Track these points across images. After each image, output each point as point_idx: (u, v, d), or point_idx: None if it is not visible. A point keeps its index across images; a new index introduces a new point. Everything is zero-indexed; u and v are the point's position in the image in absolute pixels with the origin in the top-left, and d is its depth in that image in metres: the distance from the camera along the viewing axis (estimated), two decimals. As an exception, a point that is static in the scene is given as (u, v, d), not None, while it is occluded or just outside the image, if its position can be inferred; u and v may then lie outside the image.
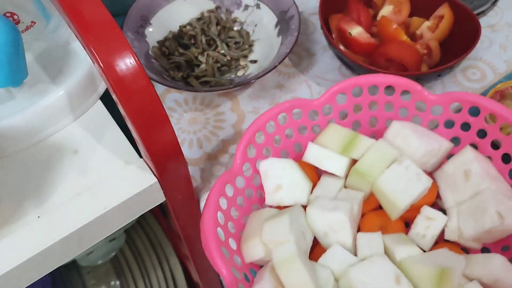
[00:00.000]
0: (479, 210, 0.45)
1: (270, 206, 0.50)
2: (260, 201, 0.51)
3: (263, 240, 0.44)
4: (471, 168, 0.48)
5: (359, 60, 0.64)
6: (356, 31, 0.64)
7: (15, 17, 0.51)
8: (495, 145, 0.51)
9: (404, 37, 0.64)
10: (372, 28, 0.68)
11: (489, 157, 0.51)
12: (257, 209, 0.50)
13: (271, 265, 0.44)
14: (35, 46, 0.52)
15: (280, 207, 0.50)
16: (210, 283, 0.68)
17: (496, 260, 0.43)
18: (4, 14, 0.51)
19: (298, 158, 0.54)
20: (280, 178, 0.49)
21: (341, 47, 0.66)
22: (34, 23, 0.52)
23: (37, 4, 0.50)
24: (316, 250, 0.48)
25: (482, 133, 0.51)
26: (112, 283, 0.81)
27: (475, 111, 0.51)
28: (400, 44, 0.63)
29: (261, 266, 0.47)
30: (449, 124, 0.53)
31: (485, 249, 0.49)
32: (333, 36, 0.67)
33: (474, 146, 0.51)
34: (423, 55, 0.64)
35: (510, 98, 0.60)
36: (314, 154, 0.51)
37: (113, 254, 0.81)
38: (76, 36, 0.37)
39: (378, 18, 0.67)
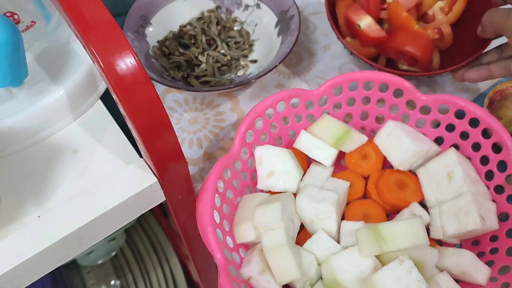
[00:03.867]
0: (462, 212, 0.48)
1: (261, 190, 0.53)
2: (252, 184, 0.54)
3: (254, 224, 0.47)
4: (454, 170, 0.50)
5: (368, 51, 0.63)
6: (365, 22, 0.61)
7: (15, 16, 0.51)
8: (475, 147, 0.53)
9: (416, 26, 0.61)
10: (382, 12, 0.65)
11: (469, 158, 0.53)
12: (249, 191, 0.54)
13: (260, 248, 0.47)
14: (35, 46, 0.52)
15: (271, 192, 0.52)
16: (210, 283, 0.68)
17: (466, 255, 0.46)
18: (4, 14, 0.51)
19: (290, 144, 0.56)
20: (273, 165, 0.52)
21: (348, 39, 0.64)
22: (34, 22, 0.52)
23: (37, 4, 0.50)
24: (302, 234, 0.51)
25: (464, 135, 0.54)
26: (112, 282, 0.81)
27: (460, 114, 0.53)
28: (411, 36, 0.61)
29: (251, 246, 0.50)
30: (435, 124, 0.56)
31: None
32: (339, 24, 0.65)
33: (456, 146, 0.54)
34: (434, 39, 0.62)
35: (510, 98, 0.60)
36: (305, 142, 0.54)
37: (113, 254, 0.81)
38: (76, 35, 0.37)
39: (389, 0, 0.64)
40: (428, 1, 0.65)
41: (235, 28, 0.73)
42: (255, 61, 0.69)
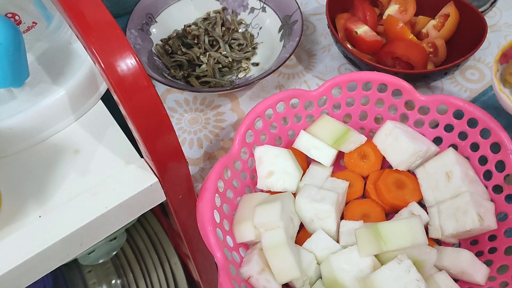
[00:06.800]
0: (460, 212, 0.48)
1: (261, 190, 0.53)
2: (252, 184, 0.54)
3: (254, 223, 0.47)
4: (453, 170, 0.50)
5: (365, 57, 0.64)
6: (362, 29, 0.65)
7: (17, 17, 0.51)
8: (473, 147, 0.53)
9: (410, 36, 0.64)
10: (378, 27, 0.69)
11: (467, 158, 0.53)
12: (249, 191, 0.54)
13: (259, 247, 0.47)
14: (37, 47, 0.52)
15: (271, 192, 0.53)
16: (210, 282, 0.68)
17: (464, 255, 0.47)
18: (6, 15, 0.51)
19: (290, 144, 0.56)
20: (273, 165, 0.52)
21: (348, 45, 0.66)
22: (35, 23, 0.52)
23: (38, 5, 0.51)
24: (301, 233, 0.51)
25: (463, 135, 0.54)
26: (113, 282, 0.81)
27: (459, 114, 0.53)
28: (406, 43, 0.63)
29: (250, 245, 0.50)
30: (434, 124, 0.56)
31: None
32: (339, 35, 0.67)
33: (455, 146, 0.54)
34: (429, 53, 0.64)
35: None
36: (304, 142, 0.54)
37: (114, 253, 0.81)
38: (77, 36, 0.37)
39: (384, 17, 0.68)
40: (421, 20, 0.68)
41: (240, 30, 0.73)
42: (257, 64, 0.69)
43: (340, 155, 0.56)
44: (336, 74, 0.69)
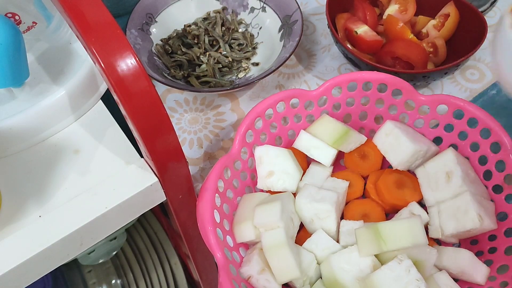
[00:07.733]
0: (460, 212, 0.48)
1: (261, 190, 0.53)
2: (252, 184, 0.54)
3: (254, 223, 0.48)
4: (453, 170, 0.50)
5: (365, 57, 0.64)
6: (362, 29, 0.65)
7: (17, 17, 0.51)
8: (473, 147, 0.53)
9: (410, 36, 0.64)
10: (378, 27, 0.69)
11: (467, 158, 0.53)
12: (249, 191, 0.54)
13: (259, 247, 0.47)
14: (37, 47, 0.52)
15: (271, 192, 0.53)
16: (210, 282, 0.68)
17: (464, 255, 0.47)
18: (6, 15, 0.51)
19: (290, 144, 0.56)
20: (273, 165, 0.52)
21: (348, 45, 0.67)
22: (35, 23, 0.52)
23: (38, 5, 0.51)
24: (301, 233, 0.51)
25: (463, 135, 0.54)
26: (113, 282, 0.81)
27: (459, 114, 0.53)
28: (406, 43, 0.63)
29: (250, 245, 0.50)
30: (434, 124, 0.56)
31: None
32: (339, 35, 0.67)
33: (455, 146, 0.54)
34: (429, 53, 0.64)
35: None
36: (304, 142, 0.54)
37: (114, 253, 0.81)
38: (77, 36, 0.37)
39: (384, 17, 0.68)
40: (421, 19, 0.68)
41: (240, 30, 0.73)
42: (257, 64, 0.69)
43: (340, 155, 0.56)
44: (336, 74, 0.69)
